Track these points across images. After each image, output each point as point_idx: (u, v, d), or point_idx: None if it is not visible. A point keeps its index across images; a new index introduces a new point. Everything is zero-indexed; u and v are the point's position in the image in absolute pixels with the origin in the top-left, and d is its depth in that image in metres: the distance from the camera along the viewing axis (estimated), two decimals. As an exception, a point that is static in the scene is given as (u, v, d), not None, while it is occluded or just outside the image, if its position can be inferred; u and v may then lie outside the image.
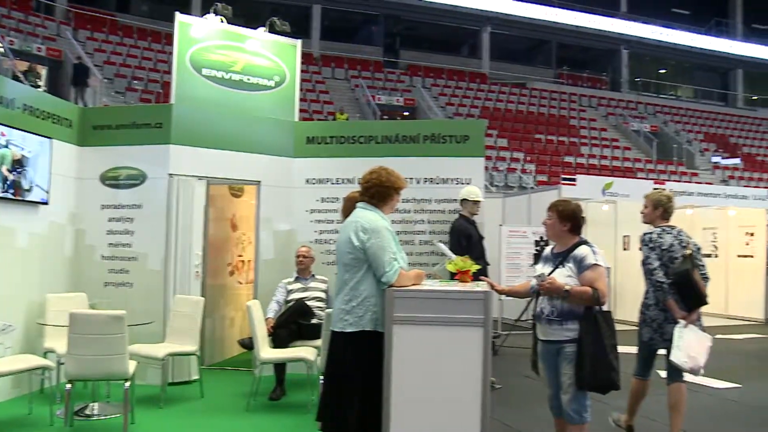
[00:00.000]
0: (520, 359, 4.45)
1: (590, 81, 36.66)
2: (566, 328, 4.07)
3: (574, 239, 4.25)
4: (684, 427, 5.69)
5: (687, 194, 14.70)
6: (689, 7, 38.42)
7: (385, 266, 3.81)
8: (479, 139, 8.03)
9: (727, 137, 33.93)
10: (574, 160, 25.42)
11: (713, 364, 8.88)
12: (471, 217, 7.32)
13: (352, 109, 26.83)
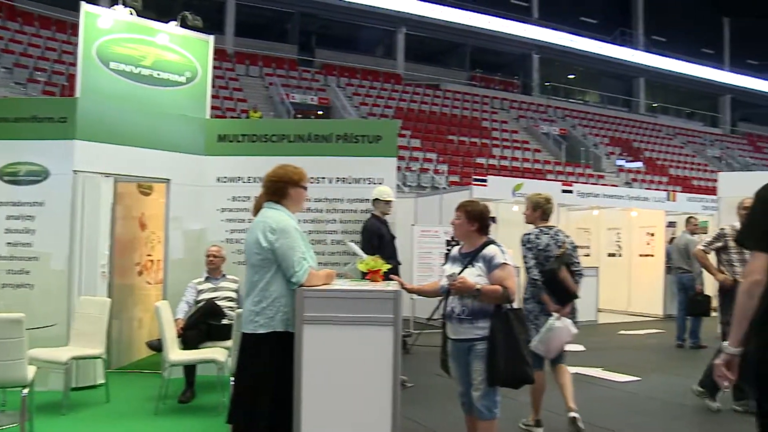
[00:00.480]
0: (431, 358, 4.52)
1: (502, 84, 37.47)
2: (477, 327, 4.13)
3: (482, 239, 4.32)
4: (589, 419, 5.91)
5: (593, 196, 15.22)
6: (596, 17, 39.80)
7: (295, 266, 3.78)
8: (392, 140, 8.08)
9: (631, 142, 35.29)
10: (485, 161, 25.91)
11: (616, 359, 9.28)
12: (383, 216, 7.37)
13: (266, 108, 26.57)
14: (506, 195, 13.30)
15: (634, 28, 40.62)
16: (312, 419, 3.67)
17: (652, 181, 29.78)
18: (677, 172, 32.93)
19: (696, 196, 18.09)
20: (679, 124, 41.12)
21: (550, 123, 33.66)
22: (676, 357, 10.51)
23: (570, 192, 14.50)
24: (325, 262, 7.25)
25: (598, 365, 8.90)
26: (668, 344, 11.26)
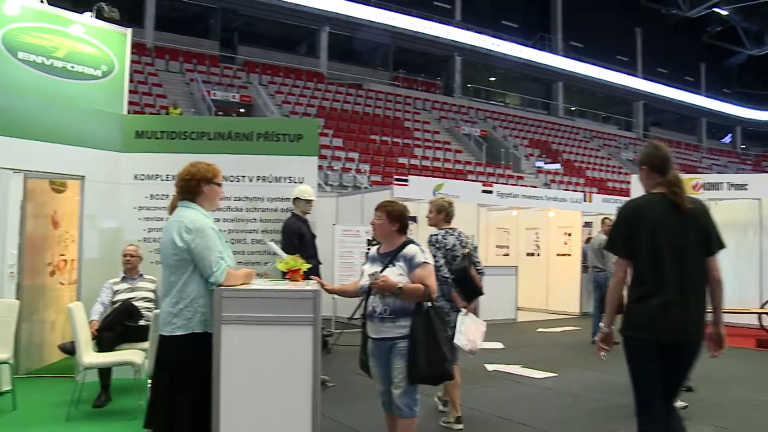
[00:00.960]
0: (353, 357, 4.53)
1: (425, 85, 37.85)
2: (398, 325, 4.16)
3: (401, 239, 4.36)
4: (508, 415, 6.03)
5: (513, 196, 15.51)
6: (518, 21, 40.62)
7: (212, 266, 3.72)
8: (313, 138, 8.04)
9: (550, 144, 36.16)
10: (407, 161, 26.09)
11: (534, 356, 9.47)
12: (303, 216, 7.33)
13: (186, 104, 26.06)
14: (427, 195, 13.40)
15: (554, 33, 41.64)
16: (231, 421, 3.63)
17: (569, 183, 30.56)
18: (593, 173, 33.91)
19: (611, 197, 18.67)
20: (596, 128, 42.39)
21: (471, 124, 34.18)
22: (591, 353, 10.77)
23: (490, 192, 14.74)
24: (245, 261, 7.17)
25: (516, 362, 9.07)
26: (584, 341, 11.58)
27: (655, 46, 45.41)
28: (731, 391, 7.33)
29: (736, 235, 14.00)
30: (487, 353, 10.06)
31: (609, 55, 43.07)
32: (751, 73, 51.68)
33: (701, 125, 49.81)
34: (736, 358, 9.91)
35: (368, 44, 36.29)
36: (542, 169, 31.70)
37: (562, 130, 39.13)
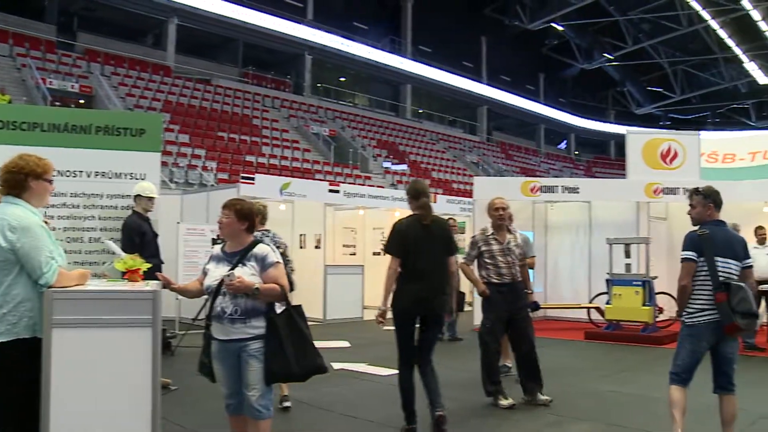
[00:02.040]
0: (197, 359, 4.41)
1: (275, 83, 37.52)
2: (251, 326, 4.09)
3: (249, 238, 4.30)
4: (354, 412, 6.10)
5: (360, 196, 15.67)
6: (369, 23, 41.10)
7: (42, 267, 3.47)
8: (156, 133, 7.76)
9: (397, 145, 36.89)
10: (255, 159, 25.79)
11: (380, 354, 9.61)
12: (145, 213, 7.07)
13: (17, 92, 24.34)
14: (274, 194, 13.33)
15: (403, 37, 42.50)
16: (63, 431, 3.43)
17: (415, 184, 31.21)
18: (439, 175, 34.93)
19: (455, 198, 19.31)
20: (442, 130, 43.74)
21: (320, 124, 34.27)
22: (435, 350, 11.10)
23: (337, 192, 14.84)
24: (82, 261, 6.81)
25: (363, 360, 9.18)
26: (428, 338, 11.88)
27: (499, 54, 47.49)
28: (563, 381, 7.77)
29: (569, 235, 14.87)
30: (334, 352, 10.12)
31: (456, 61, 44.53)
32: (583, 84, 55.26)
33: (540, 131, 52.62)
34: (567, 350, 10.54)
35: (217, 39, 35.54)
36: (389, 170, 32.29)
37: (410, 132, 40.05)
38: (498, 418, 6.43)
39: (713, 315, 4.90)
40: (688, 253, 5.09)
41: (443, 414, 5.56)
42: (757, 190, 14.11)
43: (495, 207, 7.01)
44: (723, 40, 43.14)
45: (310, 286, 13.32)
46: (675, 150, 14.41)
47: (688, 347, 5.05)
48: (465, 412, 6.64)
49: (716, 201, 5.19)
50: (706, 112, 57.56)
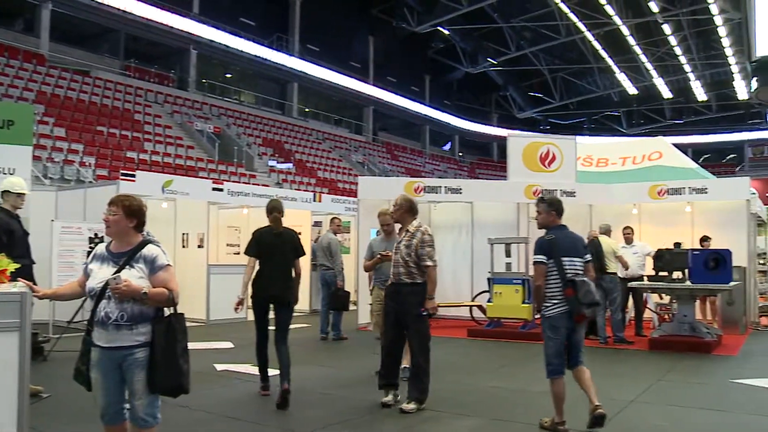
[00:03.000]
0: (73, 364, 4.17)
1: (158, 77, 36.26)
2: (137, 333, 3.86)
3: (138, 237, 4.09)
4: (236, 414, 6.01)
5: (244, 195, 15.48)
6: (256, 20, 40.50)
7: None
8: (27, 126, 7.40)
9: (283, 143, 36.60)
10: (136, 155, 24.90)
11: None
12: (14, 210, 6.71)
13: None
14: (155, 191, 12.96)
15: (291, 35, 42.12)
16: None
17: (301, 182, 31.19)
18: (324, 174, 34.94)
19: (340, 198, 19.39)
20: (328, 130, 43.72)
21: (204, 120, 33.47)
22: (321, 349, 11.15)
23: (221, 190, 14.60)
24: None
25: (247, 361, 9.04)
26: (314, 337, 11.88)
27: (386, 55, 47.95)
28: (446, 378, 7.93)
29: (452, 235, 15.19)
30: (217, 353, 9.96)
31: (343, 61, 44.62)
32: (468, 88, 56.68)
33: (425, 132, 53.47)
34: (450, 348, 10.77)
35: (97, 28, 33.99)
36: (275, 169, 32.01)
37: (296, 131, 39.80)
38: (380, 414, 6.50)
39: (565, 307, 5.79)
40: (539, 257, 5.91)
41: (288, 388, 6.63)
42: (627, 193, 14.92)
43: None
44: (597, 51, 45.29)
45: (193, 286, 13.04)
46: (553, 153, 14.98)
47: (552, 336, 5.87)
48: (348, 409, 6.68)
49: (558, 209, 6.09)
50: (583, 118, 60.37)
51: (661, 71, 48.26)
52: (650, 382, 8.15)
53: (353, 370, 9.11)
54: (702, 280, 10.70)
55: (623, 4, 38.92)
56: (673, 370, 9.07)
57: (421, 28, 44.21)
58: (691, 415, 6.74)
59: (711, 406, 7.08)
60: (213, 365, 8.75)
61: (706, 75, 49.90)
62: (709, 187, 14.20)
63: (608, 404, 6.73)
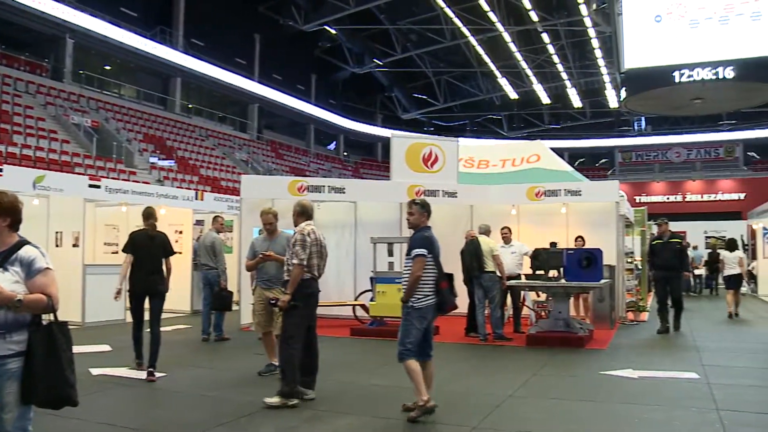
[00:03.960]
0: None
1: (29, 65, 34.24)
2: (10, 341, 3.58)
3: (13, 238, 3.78)
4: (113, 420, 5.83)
5: (123, 192, 14.99)
6: (138, 10, 39.15)
7: None
8: None
9: (165, 140, 35.60)
10: (4, 148, 23.52)
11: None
12: None
13: None
14: (26, 187, 12.38)
15: (175, 28, 40.92)
16: None
17: (183, 180, 30.48)
18: (207, 172, 34.29)
19: (222, 196, 19.09)
20: (212, 127, 42.83)
21: (81, 114, 32.07)
22: (202, 350, 10.96)
23: (98, 187, 14.11)
24: None
25: (123, 364, 8.84)
26: (195, 338, 11.66)
27: (273, 53, 47.44)
28: (329, 377, 7.97)
29: (336, 234, 15.24)
30: (93, 357, 9.63)
31: (228, 57, 43.81)
32: (354, 88, 56.94)
33: (310, 131, 53.30)
34: (333, 347, 10.82)
35: (-41, 11, 31.91)
36: (156, 165, 31.11)
37: (178, 127, 38.77)
38: (261, 416, 6.48)
39: (434, 299, 6.45)
40: (422, 250, 6.47)
41: (152, 371, 8.01)
42: (506, 194, 15.44)
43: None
44: (481, 55, 46.51)
45: (67, 287, 12.48)
46: (436, 154, 15.31)
47: (418, 326, 6.43)
48: (230, 411, 6.61)
49: (429, 211, 6.78)
50: (466, 121, 61.96)
51: (540, 78, 50.16)
52: (527, 376, 8.50)
53: (235, 370, 9.02)
54: (576, 278, 11.28)
55: (506, 11, 40.19)
56: (549, 365, 9.48)
57: (308, 26, 44.07)
58: (564, 406, 7.09)
59: (582, 397, 7.48)
60: (88, 370, 8.45)
61: (581, 83, 52.37)
62: (583, 189, 14.91)
63: (487, 399, 7.01)
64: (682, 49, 25.74)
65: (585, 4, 34.14)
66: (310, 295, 7.11)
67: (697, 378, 8.42)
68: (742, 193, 43.09)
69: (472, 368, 9.75)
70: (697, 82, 25.10)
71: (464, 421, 6.23)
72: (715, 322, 15.32)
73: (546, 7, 39.77)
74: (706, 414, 6.58)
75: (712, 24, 25.35)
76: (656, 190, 47.25)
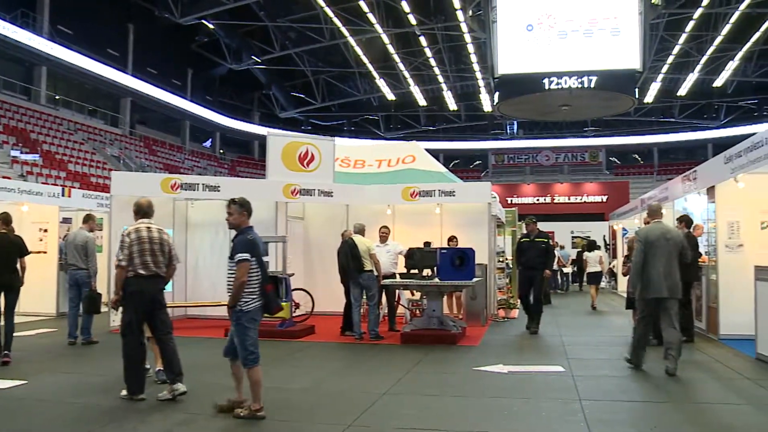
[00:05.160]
0: None
1: None
2: None
3: None
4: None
5: (-20, 187, 14.13)
6: (-4, -9, 36.80)
7: None
8: None
9: (29, 132, 33.75)
10: None
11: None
12: None
13: None
14: None
15: (39, 13, 38.59)
16: None
17: (49, 176, 29.08)
18: (76, 167, 32.84)
19: (92, 193, 18.35)
20: (81, 120, 40.97)
21: (-66, 102, 29.95)
22: (68, 354, 10.52)
23: (-48, 181, 13.22)
24: None
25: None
26: (61, 342, 11.18)
27: (147, 45, 45.82)
28: (201, 379, 7.84)
29: (210, 233, 14.99)
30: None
31: (100, 47, 41.97)
32: (231, 84, 56.00)
33: (185, 128, 51.99)
34: (208, 348, 10.62)
35: None
36: (18, 160, 29.47)
37: (44, 119, 36.81)
38: (131, 419, 6.31)
39: (261, 301, 6.44)
40: (245, 255, 6.37)
41: (8, 353, 9.03)
42: (381, 194, 15.65)
43: (134, 211, 7.70)
44: (359, 56, 46.78)
45: None
46: (312, 153, 15.31)
47: (252, 328, 6.44)
48: (97, 416, 6.40)
49: (249, 210, 6.72)
50: (343, 121, 62.28)
51: (417, 80, 51.01)
52: (402, 374, 8.65)
53: (104, 375, 8.67)
54: (449, 276, 11.57)
55: (385, 13, 40.60)
56: (423, 362, 9.68)
57: (184, 20, 42.78)
58: (437, 401, 7.27)
59: (455, 393, 7.70)
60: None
61: (457, 86, 53.73)
62: (457, 190, 15.32)
63: (362, 397, 7.09)
64: (552, 58, 27.01)
65: (462, 11, 35.01)
66: (133, 293, 7.10)
67: (563, 371, 8.88)
68: (604, 196, 45.35)
69: (347, 367, 9.82)
70: (565, 89, 26.41)
71: (339, 420, 6.27)
72: (581, 318, 16.17)
73: (424, 11, 40.49)
74: (570, 404, 6.99)
75: (578, 36, 26.73)
76: (527, 192, 49.04)
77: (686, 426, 6.30)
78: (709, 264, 12.09)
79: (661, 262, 8.58)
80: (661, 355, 8.87)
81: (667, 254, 8.60)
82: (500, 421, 6.50)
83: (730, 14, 37.63)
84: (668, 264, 8.60)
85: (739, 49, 42.92)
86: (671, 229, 9.15)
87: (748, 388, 7.87)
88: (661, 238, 8.71)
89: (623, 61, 26.56)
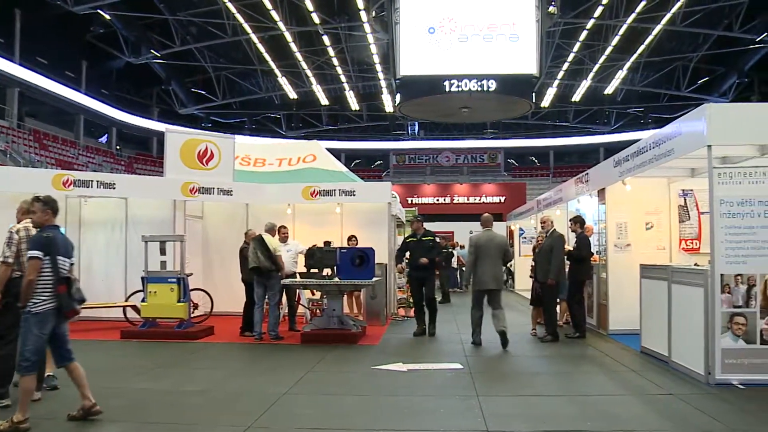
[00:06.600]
0: None
1: None
2: None
3: None
4: None
5: None
6: None
7: None
8: None
9: None
10: None
11: None
12: None
13: None
14: None
15: None
16: None
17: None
18: (-43, 161, 31.05)
19: (-26, 189, 17.32)
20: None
21: None
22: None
23: None
24: None
25: None
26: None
27: (37, 33, 43.64)
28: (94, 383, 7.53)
29: (105, 232, 14.53)
30: None
31: (-17, 35, 39.88)
32: (129, 78, 54.17)
33: (79, 122, 49.94)
34: (101, 351, 10.30)
35: None
36: None
37: None
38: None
39: (54, 302, 6.14)
40: (36, 252, 6.13)
41: None
42: (282, 193, 15.57)
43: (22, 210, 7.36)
44: (262, 53, 46.25)
45: None
46: (212, 151, 15.07)
47: (37, 332, 6.06)
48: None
49: (54, 208, 6.50)
50: (244, 118, 61.43)
51: (319, 79, 50.86)
52: (302, 373, 8.63)
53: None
54: (349, 276, 11.61)
55: (288, 11, 40.27)
56: (323, 361, 9.68)
57: (78, 8, 40.93)
58: (337, 400, 7.29)
59: (354, 392, 7.74)
60: None
61: (359, 86, 53.86)
62: (357, 190, 15.39)
63: (262, 398, 7.03)
64: (453, 61, 27.53)
65: (365, 11, 35.16)
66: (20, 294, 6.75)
67: (461, 368, 9.05)
68: (502, 197, 46.57)
69: (246, 368, 9.71)
70: (465, 92, 26.95)
71: (238, 422, 6.19)
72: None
73: (328, 11, 40.39)
74: (468, 401, 7.16)
75: (478, 40, 27.35)
76: (427, 192, 49.80)
77: (579, 419, 6.54)
78: (600, 263, 12.59)
79: (488, 263, 11.18)
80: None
81: (494, 256, 11.19)
82: (400, 419, 6.56)
83: (619, 26, 39.34)
84: (493, 264, 11.24)
85: (627, 59, 44.96)
86: (497, 236, 11.48)
87: (633, 380, 8.34)
88: (489, 243, 11.25)
89: (521, 66, 27.39)
